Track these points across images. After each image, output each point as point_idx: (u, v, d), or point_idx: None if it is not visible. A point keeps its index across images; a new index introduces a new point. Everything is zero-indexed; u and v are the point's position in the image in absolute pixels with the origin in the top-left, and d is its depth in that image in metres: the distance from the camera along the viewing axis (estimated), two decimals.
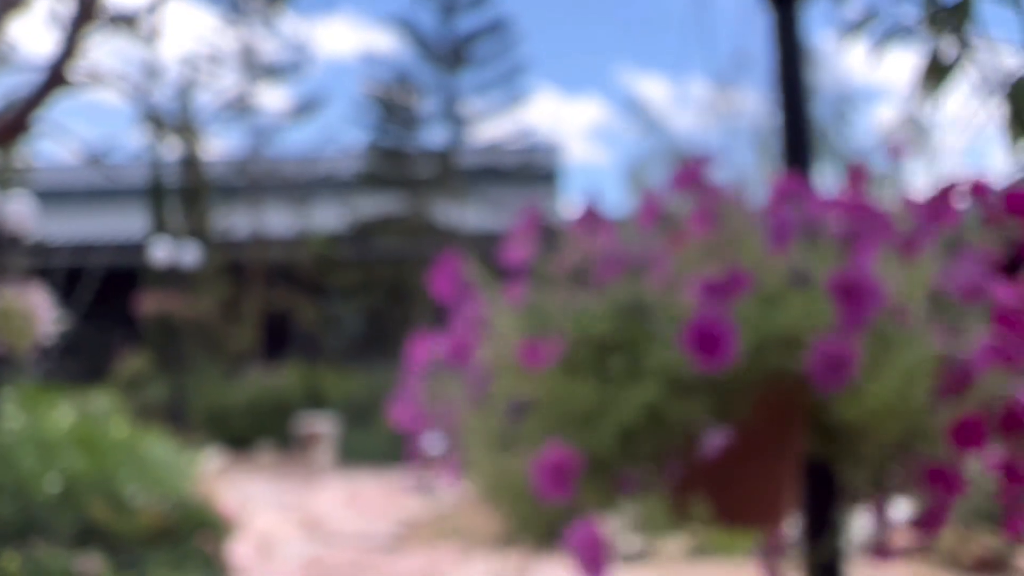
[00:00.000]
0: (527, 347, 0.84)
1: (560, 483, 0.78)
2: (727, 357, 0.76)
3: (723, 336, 0.76)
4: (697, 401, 0.80)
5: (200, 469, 6.35)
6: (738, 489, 0.88)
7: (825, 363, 0.76)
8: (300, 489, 9.11)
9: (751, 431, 0.83)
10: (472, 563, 6.07)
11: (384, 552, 6.48)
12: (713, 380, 0.79)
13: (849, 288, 0.78)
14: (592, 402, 0.81)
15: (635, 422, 0.79)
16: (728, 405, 0.81)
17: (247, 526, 7.08)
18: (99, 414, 6.70)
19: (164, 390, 13.20)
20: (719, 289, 0.79)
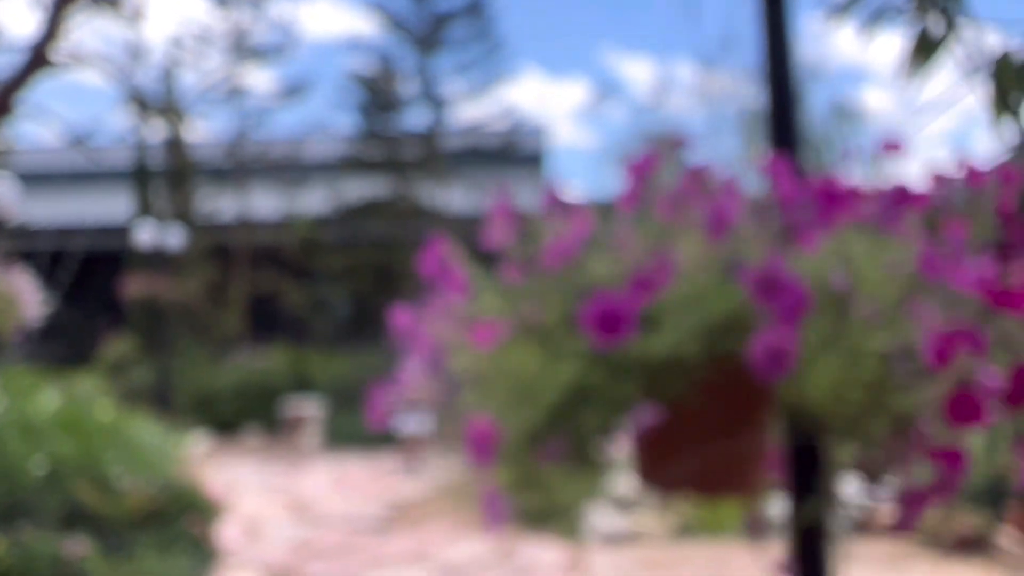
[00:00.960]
0: (479, 326, 0.89)
1: (484, 452, 0.84)
2: (624, 338, 0.80)
3: (624, 318, 0.80)
4: (631, 381, 0.84)
5: (187, 452, 6.35)
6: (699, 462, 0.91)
7: (765, 354, 0.78)
8: (287, 472, 9.12)
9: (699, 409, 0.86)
10: (460, 543, 6.10)
11: (372, 534, 6.51)
12: (649, 360, 0.83)
13: (766, 284, 0.80)
14: (529, 379, 0.86)
15: (564, 398, 0.84)
16: (666, 384, 0.85)
17: (234, 509, 7.08)
18: (84, 398, 6.67)
19: (150, 374, 13.16)
20: (646, 281, 0.83)
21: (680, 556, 5.51)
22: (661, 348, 0.82)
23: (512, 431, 0.86)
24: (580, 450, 0.87)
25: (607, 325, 0.80)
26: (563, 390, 0.84)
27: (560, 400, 0.84)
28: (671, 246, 0.88)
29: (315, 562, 5.76)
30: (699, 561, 5.37)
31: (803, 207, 0.88)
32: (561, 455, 0.86)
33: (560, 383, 0.84)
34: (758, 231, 0.89)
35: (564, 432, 0.85)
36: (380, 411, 1.04)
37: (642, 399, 0.84)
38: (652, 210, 0.94)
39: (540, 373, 0.86)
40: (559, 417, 0.85)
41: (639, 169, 0.97)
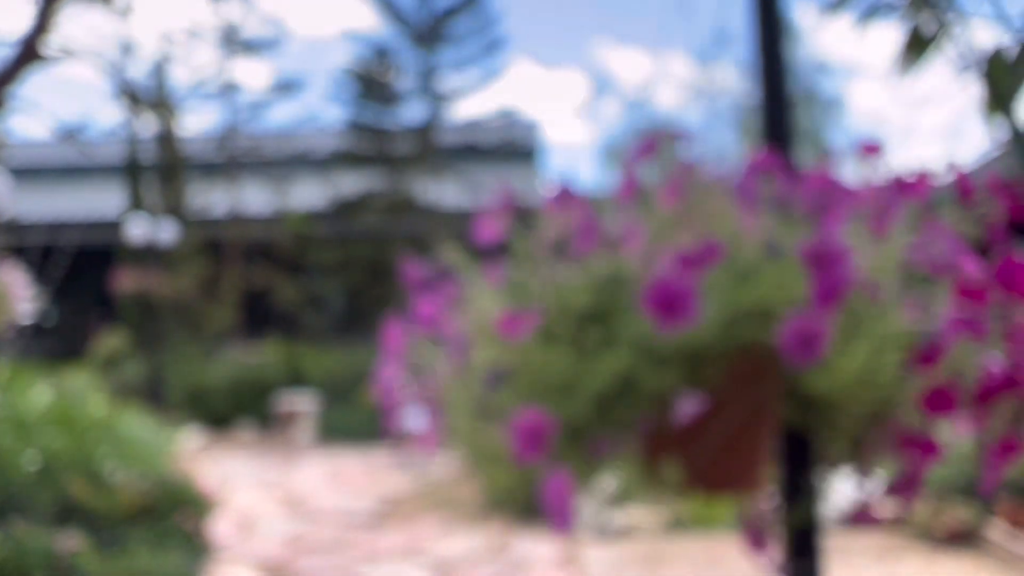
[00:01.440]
0: (506, 319, 0.86)
1: (534, 446, 0.80)
2: (689, 319, 0.78)
3: (685, 298, 0.77)
4: (669, 370, 0.82)
5: (180, 447, 6.34)
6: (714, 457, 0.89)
7: (797, 338, 0.76)
8: (281, 467, 9.12)
9: (726, 400, 0.84)
10: (454, 538, 6.12)
11: (366, 528, 6.51)
12: (686, 350, 0.81)
13: (820, 257, 0.79)
14: (568, 371, 0.84)
15: (608, 390, 0.82)
16: (701, 374, 0.83)
17: (228, 504, 7.08)
18: (77, 393, 6.66)
19: (142, 369, 13.12)
20: (692, 260, 0.80)
21: (673, 551, 5.53)
22: (704, 336, 0.81)
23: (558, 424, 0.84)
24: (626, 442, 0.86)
25: (668, 308, 0.77)
26: (606, 382, 0.82)
27: (603, 392, 0.82)
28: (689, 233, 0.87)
29: (308, 557, 5.76)
30: (693, 556, 5.39)
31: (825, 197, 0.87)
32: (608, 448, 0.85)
33: (601, 374, 0.82)
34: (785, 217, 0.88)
35: (609, 425, 0.84)
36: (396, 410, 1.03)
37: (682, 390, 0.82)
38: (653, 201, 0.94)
39: (573, 365, 0.84)
40: (603, 410, 0.84)
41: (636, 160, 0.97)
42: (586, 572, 5.22)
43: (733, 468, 0.93)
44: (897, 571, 4.92)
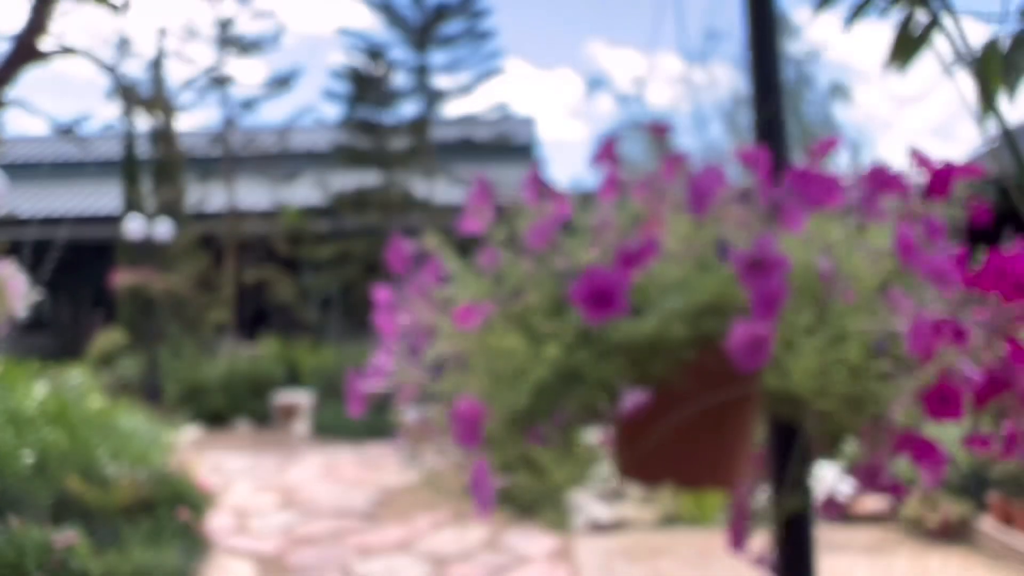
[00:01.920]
0: (462, 309, 0.90)
1: (471, 433, 0.84)
2: (617, 312, 0.79)
3: (613, 291, 0.79)
4: (613, 361, 0.83)
5: (176, 443, 6.36)
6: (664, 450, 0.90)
7: (743, 344, 0.77)
8: (277, 462, 9.14)
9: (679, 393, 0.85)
10: (448, 531, 6.15)
11: (361, 522, 6.54)
12: (633, 342, 0.82)
13: (755, 265, 0.78)
14: (514, 360, 0.87)
15: (550, 379, 0.84)
16: (650, 367, 0.84)
17: (224, 499, 7.11)
18: (73, 389, 6.67)
19: (139, 365, 13.13)
20: (630, 255, 0.82)
21: (665, 545, 5.56)
22: (646, 330, 0.82)
23: (498, 413, 0.86)
24: (565, 434, 0.87)
25: (597, 301, 0.79)
26: (547, 372, 0.84)
27: (544, 382, 0.84)
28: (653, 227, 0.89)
29: (304, 550, 5.79)
30: (684, 550, 5.43)
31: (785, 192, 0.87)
32: (546, 438, 0.86)
33: (544, 365, 0.84)
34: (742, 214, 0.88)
35: (549, 415, 0.86)
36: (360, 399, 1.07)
37: (627, 382, 0.83)
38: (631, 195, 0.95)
39: (524, 355, 0.86)
40: (544, 399, 0.85)
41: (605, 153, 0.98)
42: (578, 565, 5.26)
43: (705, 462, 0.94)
44: (889, 564, 4.96)
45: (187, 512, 5.52)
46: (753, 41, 1.25)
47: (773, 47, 1.25)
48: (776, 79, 1.25)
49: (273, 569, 5.45)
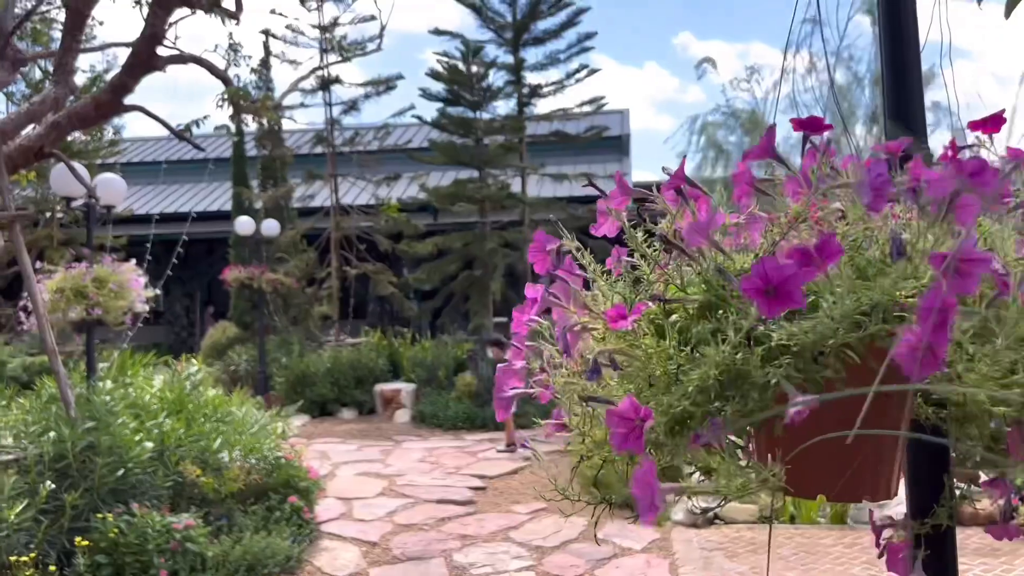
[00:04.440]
0: (614, 309, 0.87)
1: (632, 436, 0.79)
2: (793, 306, 0.74)
3: (788, 284, 0.74)
4: (779, 365, 0.78)
5: (285, 431, 6.60)
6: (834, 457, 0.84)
7: (911, 353, 0.70)
8: (379, 450, 9.38)
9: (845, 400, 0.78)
10: (548, 522, 6.20)
11: (461, 510, 6.66)
12: (799, 344, 0.77)
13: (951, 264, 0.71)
14: (669, 362, 0.83)
15: (711, 382, 0.80)
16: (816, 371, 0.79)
17: (329, 485, 7.36)
18: (189, 380, 7.00)
19: (249, 356, 13.69)
20: (808, 256, 0.77)
21: (764, 541, 5.47)
22: (816, 331, 0.77)
23: (657, 416, 0.81)
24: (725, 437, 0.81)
25: (772, 294, 0.74)
26: (707, 374, 0.79)
27: (704, 384, 0.80)
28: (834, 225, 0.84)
29: (407, 536, 5.94)
30: (784, 547, 5.32)
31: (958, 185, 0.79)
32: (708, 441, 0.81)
33: (703, 366, 0.80)
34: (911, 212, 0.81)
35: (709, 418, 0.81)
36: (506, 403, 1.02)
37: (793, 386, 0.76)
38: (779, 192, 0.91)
39: (680, 357, 0.82)
40: (704, 402, 0.81)
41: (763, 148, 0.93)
42: (678, 559, 5.23)
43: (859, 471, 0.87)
44: None
45: (296, 498, 5.74)
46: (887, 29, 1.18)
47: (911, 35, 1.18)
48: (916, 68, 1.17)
49: (377, 555, 5.62)
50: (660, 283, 0.92)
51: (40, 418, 5.15)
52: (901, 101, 1.16)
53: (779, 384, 0.77)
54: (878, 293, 0.77)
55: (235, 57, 6.73)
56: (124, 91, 5.69)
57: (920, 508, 1.03)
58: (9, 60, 5.44)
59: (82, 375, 6.81)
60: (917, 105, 1.16)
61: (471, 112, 13.73)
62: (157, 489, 5.05)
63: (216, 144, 21.42)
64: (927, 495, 1.02)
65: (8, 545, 4.15)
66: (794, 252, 0.77)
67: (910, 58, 1.17)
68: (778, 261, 0.75)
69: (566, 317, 0.94)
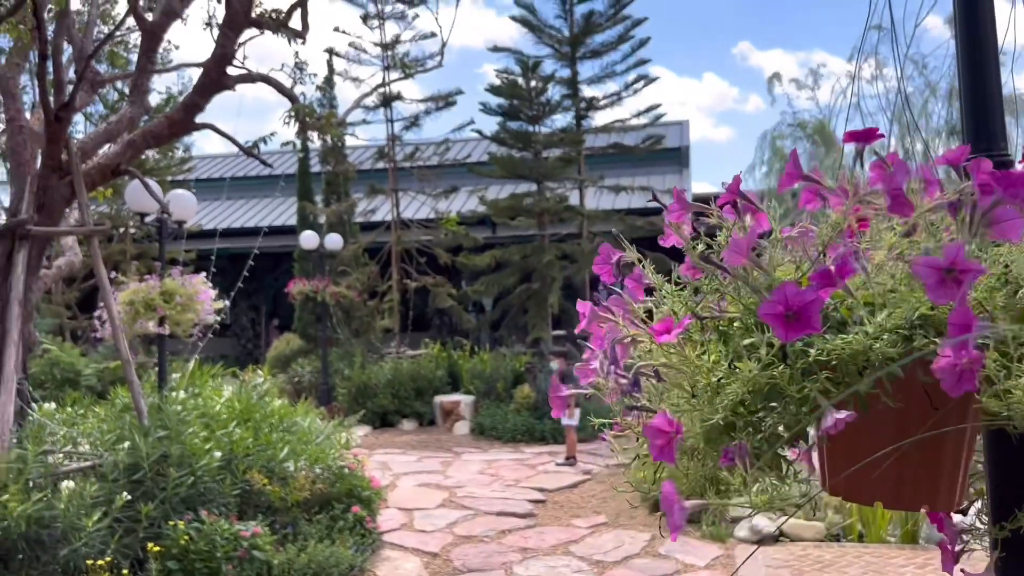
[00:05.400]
0: (661, 322, 0.88)
1: (667, 447, 0.82)
2: (809, 330, 0.75)
3: (806, 309, 0.75)
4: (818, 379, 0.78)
5: (348, 442, 6.69)
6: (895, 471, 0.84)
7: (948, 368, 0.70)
8: (439, 461, 9.45)
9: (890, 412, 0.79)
10: (608, 535, 6.17)
11: (520, 522, 6.67)
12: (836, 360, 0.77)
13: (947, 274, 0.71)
14: (711, 375, 0.84)
15: (749, 396, 0.80)
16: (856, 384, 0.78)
17: (390, 496, 7.43)
18: (255, 390, 7.15)
19: (312, 368, 13.93)
20: (829, 276, 0.79)
21: (831, 559, 5.35)
22: (851, 346, 0.77)
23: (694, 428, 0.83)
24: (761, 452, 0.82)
25: (790, 319, 0.75)
26: (745, 387, 0.80)
27: (742, 398, 0.81)
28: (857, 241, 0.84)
29: (467, 548, 5.97)
30: (852, 567, 5.20)
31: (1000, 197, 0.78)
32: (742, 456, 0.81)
33: (742, 380, 0.80)
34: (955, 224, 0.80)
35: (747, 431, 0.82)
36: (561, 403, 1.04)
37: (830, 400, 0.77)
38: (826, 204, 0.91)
39: (722, 370, 0.83)
40: (742, 415, 0.82)
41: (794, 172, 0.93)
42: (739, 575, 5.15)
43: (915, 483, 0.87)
44: None
45: (359, 508, 5.81)
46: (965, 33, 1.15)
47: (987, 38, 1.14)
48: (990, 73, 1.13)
49: (438, 566, 5.65)
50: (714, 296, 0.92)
51: (115, 426, 5.32)
52: (978, 108, 1.13)
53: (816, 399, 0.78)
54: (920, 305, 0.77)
55: (300, 75, 6.89)
56: (196, 110, 5.88)
57: (1001, 512, 1.00)
58: (88, 82, 5.69)
59: (154, 385, 7.02)
60: (995, 112, 1.13)
61: (529, 126, 13.80)
62: (225, 497, 5.16)
63: (281, 160, 21.91)
64: (1009, 499, 0.99)
65: (85, 550, 4.30)
66: (816, 275, 0.79)
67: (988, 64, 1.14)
68: (798, 287, 0.77)
69: (615, 329, 0.97)
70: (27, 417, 5.35)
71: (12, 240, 5.40)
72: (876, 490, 0.86)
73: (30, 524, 4.18)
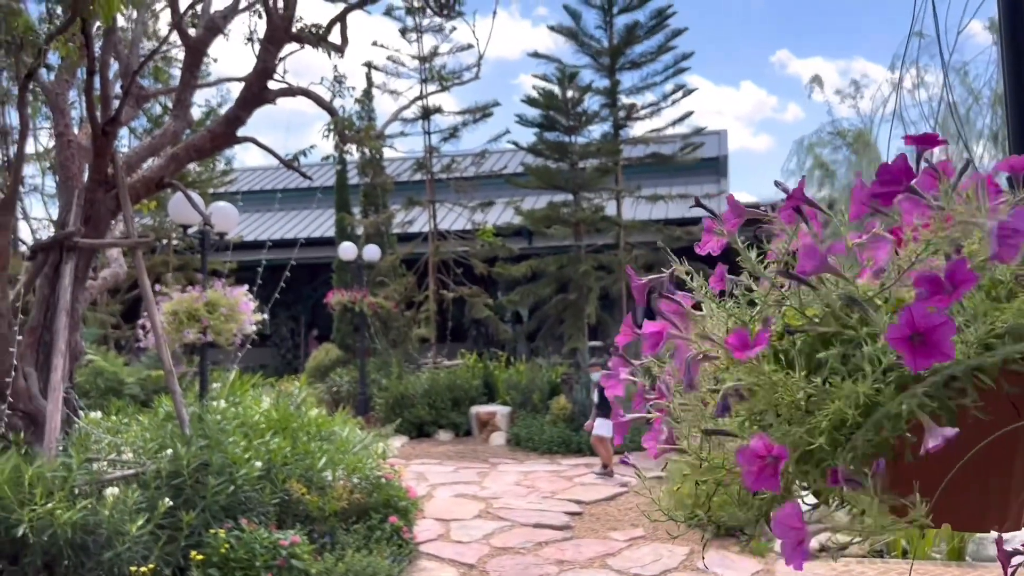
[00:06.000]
0: (735, 337, 0.84)
1: (768, 474, 0.77)
2: (942, 358, 0.70)
3: (937, 335, 0.70)
4: (915, 396, 0.75)
5: (385, 452, 6.73)
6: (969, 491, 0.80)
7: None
8: (475, 472, 9.45)
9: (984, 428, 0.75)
10: (646, 549, 6.12)
11: (557, 534, 6.64)
12: (934, 373, 0.74)
13: None
14: (803, 394, 0.80)
15: (848, 416, 0.77)
16: (948, 396, 0.75)
17: (428, 506, 7.45)
18: (294, 400, 7.23)
19: (350, 378, 14.04)
20: (939, 284, 0.74)
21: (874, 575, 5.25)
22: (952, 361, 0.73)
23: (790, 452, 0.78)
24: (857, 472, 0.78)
25: (919, 345, 0.71)
26: (842, 406, 0.76)
27: (840, 417, 0.77)
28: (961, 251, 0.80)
29: (504, 560, 5.96)
30: None
31: None
32: (847, 479, 0.77)
33: (841, 399, 0.76)
34: None
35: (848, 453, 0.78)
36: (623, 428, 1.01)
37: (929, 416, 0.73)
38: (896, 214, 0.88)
39: (814, 389, 0.79)
40: (839, 436, 0.78)
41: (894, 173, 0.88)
42: None
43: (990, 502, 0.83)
44: None
45: (396, 518, 5.84)
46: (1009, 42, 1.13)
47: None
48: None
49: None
50: (776, 307, 0.89)
51: (157, 435, 5.41)
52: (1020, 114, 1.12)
53: (912, 413, 0.74)
54: (1011, 315, 0.74)
55: (339, 89, 6.98)
56: (237, 123, 5.99)
57: None
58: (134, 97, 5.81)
59: (195, 394, 7.13)
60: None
61: (566, 136, 13.80)
62: (264, 506, 5.22)
63: (320, 172, 22.18)
64: None
65: (129, 557, 4.37)
66: (922, 280, 0.74)
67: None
68: (926, 309, 0.71)
69: (686, 347, 0.92)
70: (73, 425, 5.46)
71: (60, 252, 5.53)
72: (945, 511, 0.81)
73: (75, 530, 4.26)
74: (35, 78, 5.15)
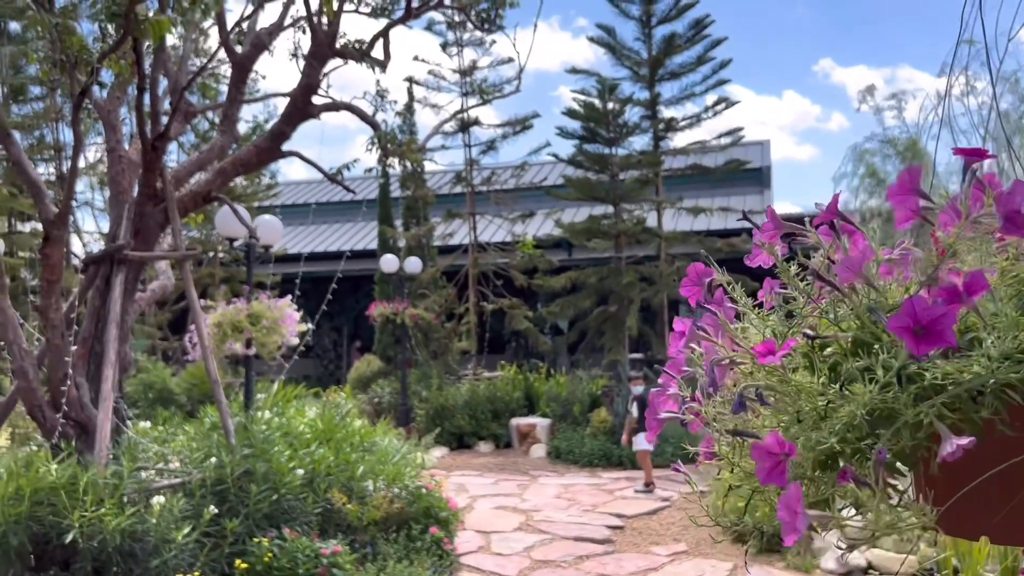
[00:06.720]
0: (763, 343, 0.86)
1: (777, 470, 0.79)
2: (943, 345, 0.72)
3: (938, 323, 0.72)
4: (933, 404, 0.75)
5: (425, 462, 6.75)
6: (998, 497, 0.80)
7: None
8: (516, 484, 9.44)
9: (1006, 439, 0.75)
10: (688, 564, 6.05)
11: (598, 548, 6.60)
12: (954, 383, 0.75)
13: None
14: (818, 398, 0.82)
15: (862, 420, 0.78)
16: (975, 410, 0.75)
17: (468, 518, 7.46)
18: (336, 410, 7.29)
19: (392, 389, 14.13)
20: (956, 292, 0.76)
21: None
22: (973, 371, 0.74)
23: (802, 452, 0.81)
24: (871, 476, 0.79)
25: (920, 334, 0.73)
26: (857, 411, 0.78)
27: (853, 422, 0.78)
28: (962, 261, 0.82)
29: (544, 572, 5.93)
30: None
31: None
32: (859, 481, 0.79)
33: (853, 403, 0.78)
34: None
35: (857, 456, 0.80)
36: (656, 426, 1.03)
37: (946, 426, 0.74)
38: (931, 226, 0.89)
39: (830, 393, 0.81)
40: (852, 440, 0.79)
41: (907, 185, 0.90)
42: None
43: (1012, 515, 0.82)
44: None
45: (437, 529, 5.85)
46: None
47: None
48: None
49: None
50: (813, 318, 0.90)
51: (203, 445, 5.50)
52: None
53: (931, 423, 0.75)
54: None
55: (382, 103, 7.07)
56: (282, 138, 6.09)
57: None
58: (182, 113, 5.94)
59: (240, 405, 7.23)
60: None
61: (606, 148, 13.78)
62: (307, 515, 5.27)
63: (362, 186, 22.41)
64: None
65: (175, 564, 4.44)
66: (941, 290, 0.76)
67: None
68: (928, 300, 0.75)
69: (714, 350, 0.95)
70: (122, 434, 5.57)
71: (111, 264, 5.67)
72: (982, 524, 0.82)
73: (124, 537, 4.34)
74: (88, 95, 5.29)
